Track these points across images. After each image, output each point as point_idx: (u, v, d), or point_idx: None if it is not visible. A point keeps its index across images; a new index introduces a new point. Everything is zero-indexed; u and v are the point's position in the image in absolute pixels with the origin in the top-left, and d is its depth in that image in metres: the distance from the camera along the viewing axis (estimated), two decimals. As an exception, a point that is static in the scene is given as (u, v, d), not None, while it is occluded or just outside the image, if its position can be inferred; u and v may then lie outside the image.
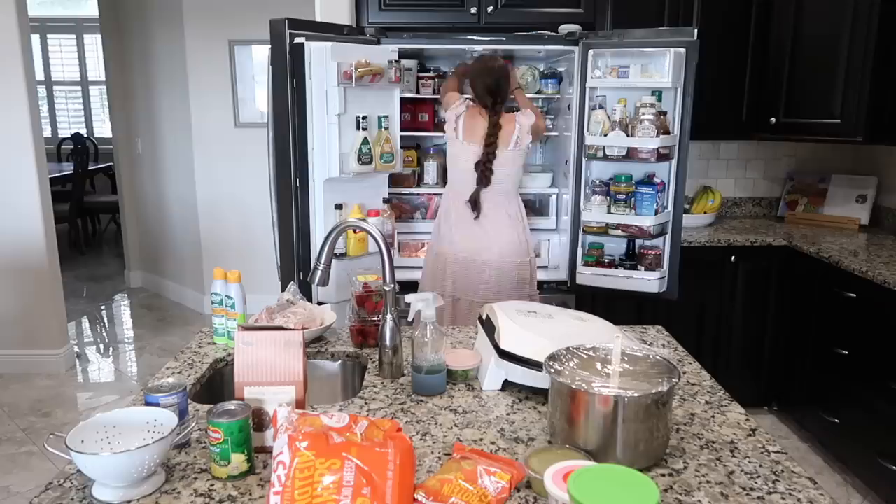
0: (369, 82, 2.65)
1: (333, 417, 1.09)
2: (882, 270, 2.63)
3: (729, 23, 3.34)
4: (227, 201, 4.89)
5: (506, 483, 1.12)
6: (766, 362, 3.39)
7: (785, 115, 3.35)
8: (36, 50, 7.04)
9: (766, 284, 3.32)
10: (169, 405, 1.27)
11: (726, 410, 1.47)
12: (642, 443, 1.20)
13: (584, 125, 2.94)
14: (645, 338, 1.94)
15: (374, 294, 1.82)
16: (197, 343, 1.88)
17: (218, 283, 1.81)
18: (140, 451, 1.11)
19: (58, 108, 8.52)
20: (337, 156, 2.63)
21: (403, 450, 1.04)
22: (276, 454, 1.02)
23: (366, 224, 1.72)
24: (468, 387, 1.59)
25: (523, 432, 1.38)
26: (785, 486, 1.19)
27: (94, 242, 7.42)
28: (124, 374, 4.14)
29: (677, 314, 3.09)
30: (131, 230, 5.67)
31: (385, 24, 3.08)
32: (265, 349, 1.30)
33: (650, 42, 2.84)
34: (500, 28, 3.08)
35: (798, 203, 3.80)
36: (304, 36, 2.56)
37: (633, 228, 2.93)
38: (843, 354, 2.85)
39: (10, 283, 3.88)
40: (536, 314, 1.63)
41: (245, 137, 4.77)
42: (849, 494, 2.82)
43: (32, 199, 3.81)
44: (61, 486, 1.19)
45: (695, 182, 3.79)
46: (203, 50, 4.66)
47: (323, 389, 1.82)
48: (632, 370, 1.26)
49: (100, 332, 4.89)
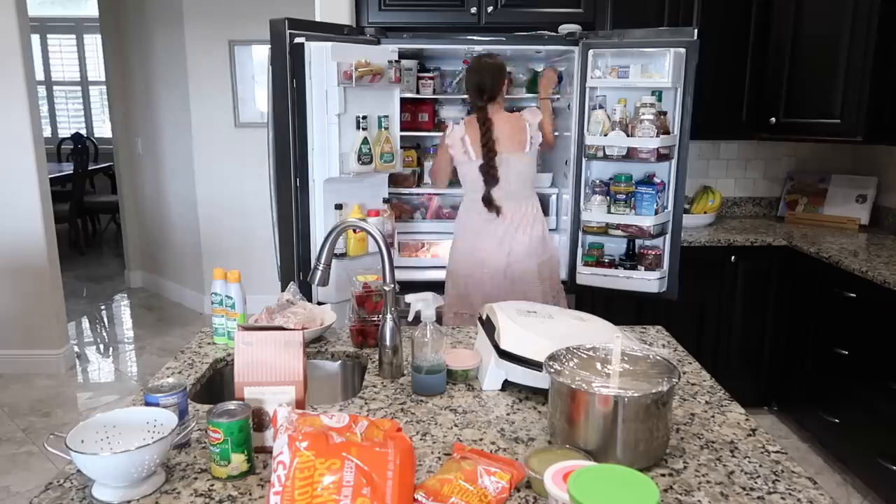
0: (369, 82, 2.65)
1: (333, 417, 1.09)
2: (882, 270, 2.63)
3: (729, 23, 3.34)
4: (227, 201, 4.89)
5: (506, 483, 1.12)
6: (766, 362, 3.39)
7: (785, 115, 3.35)
8: (36, 50, 7.03)
9: (766, 284, 3.32)
10: (169, 405, 1.27)
11: (726, 410, 1.47)
12: (642, 443, 1.20)
13: (584, 125, 2.94)
14: (645, 338, 1.94)
15: (374, 294, 1.82)
16: (197, 343, 1.88)
17: (218, 283, 1.81)
18: (140, 451, 1.11)
19: (58, 108, 8.51)
20: (337, 156, 2.63)
21: (403, 450, 1.04)
22: (276, 454, 1.02)
23: (366, 224, 1.72)
24: (468, 387, 1.59)
25: (523, 432, 1.38)
26: (785, 486, 1.19)
27: (94, 242, 7.42)
28: (124, 374, 4.14)
29: (677, 314, 3.08)
30: (131, 230, 5.67)
31: (385, 24, 3.08)
32: (265, 349, 1.30)
33: (650, 42, 2.84)
34: (500, 28, 3.08)
35: (798, 203, 3.80)
36: (304, 36, 2.56)
37: (633, 228, 2.93)
38: (843, 354, 2.84)
39: (10, 283, 3.88)
40: (536, 314, 1.63)
41: (245, 137, 4.77)
42: (849, 494, 2.82)
43: (32, 199, 3.81)
44: (61, 486, 1.19)
45: (695, 182, 3.79)
46: (203, 50, 4.66)
47: (323, 389, 1.82)
48: (632, 370, 1.26)
49: (100, 332, 4.89)
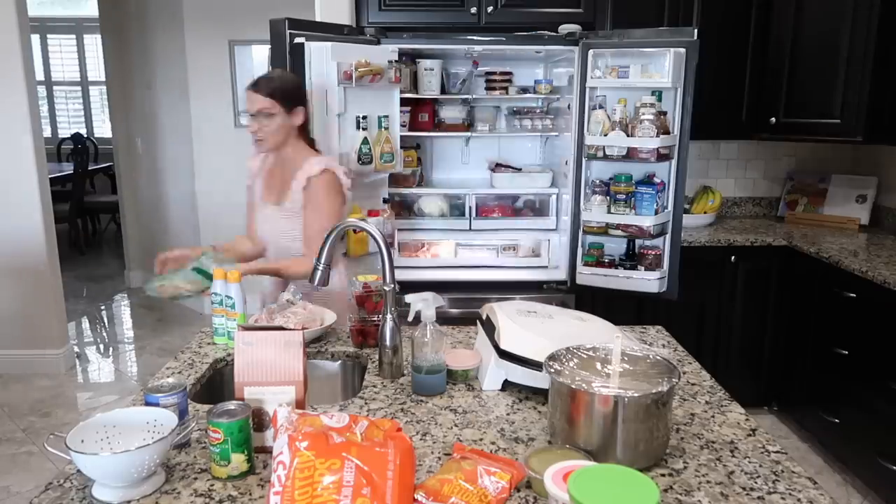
0: (369, 82, 2.65)
1: (333, 417, 1.09)
2: (882, 270, 2.63)
3: (729, 23, 3.34)
4: (227, 201, 4.88)
5: (506, 483, 1.12)
6: (766, 362, 3.39)
7: (785, 115, 3.35)
8: (36, 50, 7.03)
9: (766, 284, 3.32)
10: (169, 405, 1.27)
11: (726, 410, 1.47)
12: (642, 443, 1.20)
13: (584, 125, 2.94)
14: (645, 338, 1.94)
15: (374, 294, 1.82)
16: (197, 343, 1.88)
17: (218, 283, 1.81)
18: (140, 451, 1.11)
19: (58, 108, 8.51)
20: (337, 156, 2.63)
21: (403, 450, 1.04)
22: (276, 454, 1.02)
23: (366, 224, 1.72)
24: (468, 387, 1.59)
25: (523, 432, 1.38)
26: (785, 486, 1.19)
27: (94, 242, 7.42)
28: (124, 374, 4.14)
29: (677, 314, 3.08)
30: (131, 230, 5.67)
31: (385, 24, 3.08)
32: (265, 349, 1.30)
33: (650, 42, 2.84)
34: (500, 28, 3.08)
35: (798, 203, 3.79)
36: (304, 36, 2.56)
37: (633, 228, 2.93)
38: (843, 354, 2.84)
39: (10, 283, 3.88)
40: (536, 314, 1.63)
41: (245, 137, 4.70)
42: (849, 494, 2.82)
43: (32, 199, 3.81)
44: (61, 486, 1.19)
45: (695, 182, 3.79)
46: (203, 50, 4.66)
47: (323, 389, 1.82)
48: (632, 370, 1.26)
49: (100, 332, 4.88)
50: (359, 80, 2.59)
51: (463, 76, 3.26)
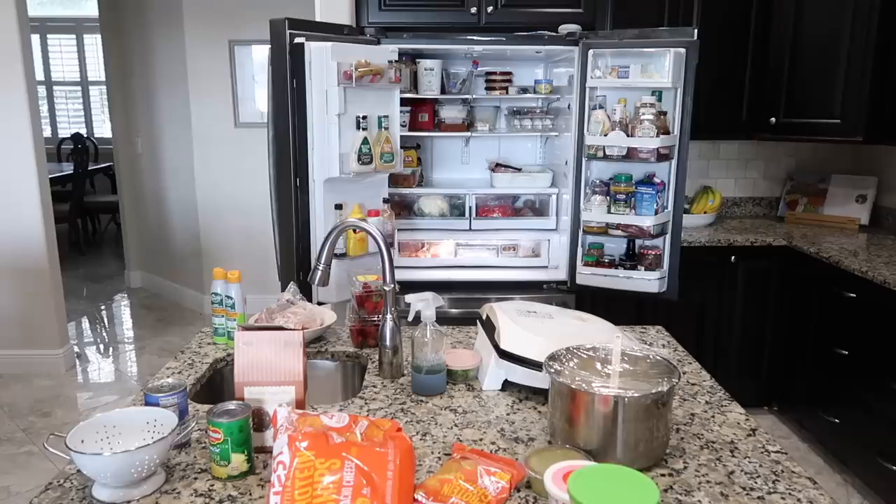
0: (369, 82, 2.65)
1: (333, 417, 1.09)
2: (882, 270, 2.63)
3: (729, 23, 3.34)
4: (227, 201, 4.89)
5: (506, 483, 1.12)
6: (766, 362, 3.39)
7: (785, 115, 3.35)
8: (36, 50, 7.03)
9: (766, 284, 3.32)
10: (169, 405, 1.27)
11: (726, 410, 1.47)
12: (642, 443, 1.20)
13: (584, 125, 2.94)
14: (645, 338, 1.94)
15: (374, 294, 1.82)
16: (197, 343, 1.88)
17: (218, 283, 1.81)
18: (140, 451, 1.11)
19: (58, 108, 8.51)
20: (337, 156, 2.63)
21: (403, 450, 1.04)
22: (276, 454, 1.02)
23: (366, 224, 1.72)
24: (468, 387, 1.59)
25: (523, 432, 1.38)
26: (785, 486, 1.19)
27: (94, 242, 7.42)
28: (124, 374, 4.14)
29: (677, 314, 3.09)
30: (131, 230, 5.67)
31: (385, 24, 3.08)
32: (265, 349, 1.30)
33: (650, 42, 2.84)
34: (500, 28, 3.08)
35: (798, 203, 3.80)
36: (304, 36, 2.56)
37: (633, 228, 2.93)
38: (843, 354, 2.84)
39: (10, 283, 3.88)
40: (536, 314, 1.63)
41: (245, 137, 4.77)
42: (849, 494, 2.82)
43: (32, 199, 3.81)
44: (61, 486, 1.19)
45: (695, 182, 3.79)
46: (203, 50, 4.66)
47: (323, 389, 1.82)
48: (632, 370, 1.26)
49: (100, 332, 4.88)
50: (359, 80, 2.59)
51: (463, 76, 3.26)
